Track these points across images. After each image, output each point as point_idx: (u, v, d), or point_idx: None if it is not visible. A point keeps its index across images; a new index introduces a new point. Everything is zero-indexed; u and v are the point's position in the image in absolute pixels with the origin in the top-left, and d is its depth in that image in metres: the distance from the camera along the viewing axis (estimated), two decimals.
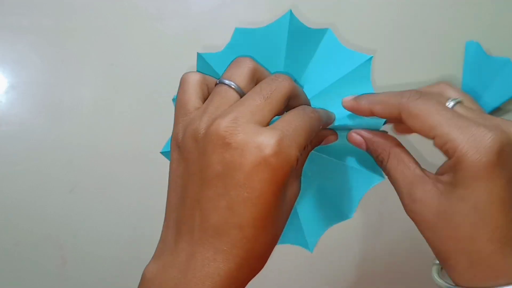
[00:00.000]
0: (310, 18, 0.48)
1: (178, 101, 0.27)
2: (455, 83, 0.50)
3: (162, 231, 0.27)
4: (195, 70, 0.32)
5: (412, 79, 0.50)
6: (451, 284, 0.26)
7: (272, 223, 0.24)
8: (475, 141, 0.23)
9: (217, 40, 0.47)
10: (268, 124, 0.24)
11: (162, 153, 0.32)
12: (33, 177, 0.44)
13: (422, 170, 0.27)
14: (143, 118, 0.46)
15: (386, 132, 0.29)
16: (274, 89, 0.25)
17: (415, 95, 0.26)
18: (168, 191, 0.27)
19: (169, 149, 0.28)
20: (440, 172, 0.26)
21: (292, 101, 0.27)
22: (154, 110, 0.46)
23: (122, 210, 0.46)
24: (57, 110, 0.44)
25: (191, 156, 0.25)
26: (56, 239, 0.45)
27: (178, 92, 0.28)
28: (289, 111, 0.26)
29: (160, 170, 0.33)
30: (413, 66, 0.50)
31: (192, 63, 0.46)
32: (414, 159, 0.28)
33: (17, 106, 0.44)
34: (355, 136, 0.30)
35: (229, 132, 0.23)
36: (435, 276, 0.29)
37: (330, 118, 0.30)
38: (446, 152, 0.25)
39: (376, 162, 0.29)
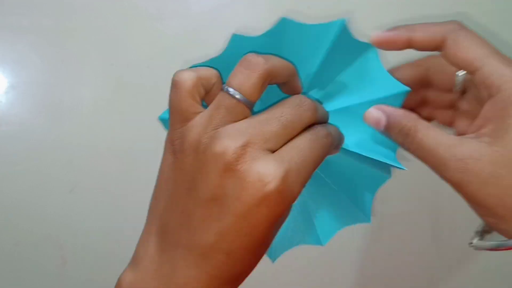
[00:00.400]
0: (311, 15, 0.48)
1: (173, 105, 0.25)
2: None
3: (143, 235, 0.25)
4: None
5: None
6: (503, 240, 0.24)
7: (262, 250, 0.24)
8: None
9: (217, 40, 0.47)
10: (278, 148, 0.23)
11: (160, 119, 0.30)
12: (33, 177, 0.44)
13: (455, 135, 0.25)
14: (143, 118, 0.46)
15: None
16: (297, 119, 0.23)
17: (459, 25, 0.25)
18: (154, 190, 0.26)
19: (167, 117, 0.26)
20: (477, 127, 0.24)
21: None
22: (154, 110, 0.46)
23: (122, 210, 0.46)
24: (57, 110, 0.44)
25: (188, 167, 0.23)
26: (56, 239, 0.45)
27: (171, 94, 0.25)
28: (301, 135, 0.24)
29: None
30: None
31: (191, 62, 0.46)
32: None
33: (17, 106, 0.44)
34: (374, 111, 0.26)
35: (236, 158, 0.21)
36: (479, 241, 0.26)
37: (341, 141, 0.27)
38: (487, 88, 0.23)
39: (397, 140, 0.26)
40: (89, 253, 0.47)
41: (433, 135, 0.24)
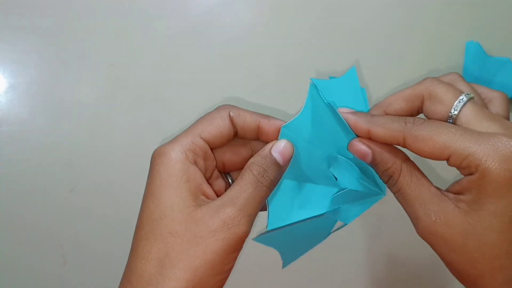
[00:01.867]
0: (316, 16, 0.48)
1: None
2: None
3: (139, 261, 0.24)
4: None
5: (412, 79, 0.50)
6: None
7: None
8: (496, 150, 0.22)
9: (217, 40, 0.47)
10: None
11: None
12: (33, 177, 0.44)
13: (437, 188, 0.25)
14: (143, 118, 0.46)
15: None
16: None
17: (419, 120, 0.24)
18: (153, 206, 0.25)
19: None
20: (458, 190, 0.24)
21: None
22: (154, 110, 0.46)
23: (122, 210, 0.46)
24: (57, 110, 0.44)
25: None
26: (56, 239, 0.45)
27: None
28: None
29: None
30: (413, 66, 0.50)
31: (191, 62, 0.46)
32: (426, 177, 0.26)
33: (17, 106, 0.44)
34: (360, 145, 0.26)
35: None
36: None
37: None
38: (465, 168, 0.23)
39: (382, 177, 0.27)
40: (89, 253, 0.47)
41: (414, 185, 0.25)
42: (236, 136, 0.28)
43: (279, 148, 0.27)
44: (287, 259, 0.32)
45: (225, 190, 0.26)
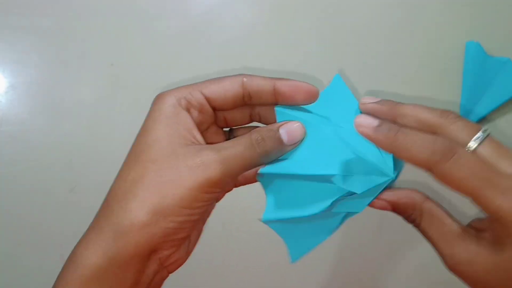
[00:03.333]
0: (313, 15, 0.48)
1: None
2: (455, 83, 0.50)
3: (117, 182, 0.27)
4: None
5: (412, 79, 0.50)
6: None
7: None
8: None
9: (217, 40, 0.47)
10: None
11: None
12: (33, 177, 0.44)
13: (459, 225, 0.26)
14: (143, 118, 0.46)
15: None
16: None
17: (450, 150, 0.23)
18: None
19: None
20: (480, 227, 0.25)
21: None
22: None
23: None
24: (57, 110, 0.44)
25: None
26: (56, 239, 0.45)
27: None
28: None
29: None
30: (413, 66, 0.50)
31: (191, 62, 0.46)
32: (448, 213, 0.26)
33: (17, 106, 0.44)
34: (379, 203, 0.28)
35: None
36: None
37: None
38: (485, 211, 0.23)
39: (407, 221, 0.28)
40: None
41: (435, 227, 0.26)
42: (251, 103, 0.28)
43: (289, 128, 0.26)
44: (295, 253, 0.31)
45: None
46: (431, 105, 0.27)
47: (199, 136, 0.26)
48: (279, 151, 0.26)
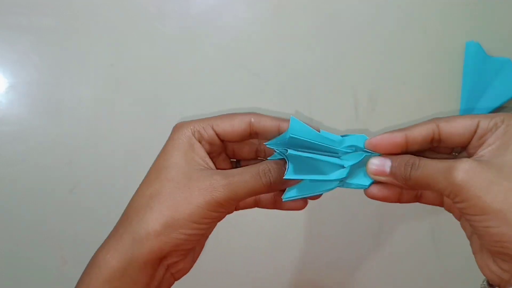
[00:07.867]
0: (309, 14, 0.48)
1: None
2: (455, 83, 0.50)
3: (136, 197, 0.30)
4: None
5: (412, 79, 0.50)
6: None
7: None
8: None
9: (217, 40, 0.47)
10: None
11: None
12: (33, 177, 0.44)
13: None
14: (143, 118, 0.46)
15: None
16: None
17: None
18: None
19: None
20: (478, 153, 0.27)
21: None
22: (154, 110, 0.46)
23: (122, 210, 0.46)
24: (57, 110, 0.44)
25: None
26: (56, 239, 0.45)
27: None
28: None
29: None
30: (413, 66, 0.50)
31: (191, 62, 0.47)
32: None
33: (17, 106, 0.44)
34: (376, 162, 0.29)
35: None
36: None
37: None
38: (492, 128, 0.25)
39: (402, 174, 0.28)
40: (89, 253, 0.47)
41: (431, 161, 0.27)
42: (257, 138, 0.31)
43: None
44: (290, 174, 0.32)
45: None
46: (431, 105, 0.27)
47: (211, 163, 0.29)
48: (283, 183, 0.29)
